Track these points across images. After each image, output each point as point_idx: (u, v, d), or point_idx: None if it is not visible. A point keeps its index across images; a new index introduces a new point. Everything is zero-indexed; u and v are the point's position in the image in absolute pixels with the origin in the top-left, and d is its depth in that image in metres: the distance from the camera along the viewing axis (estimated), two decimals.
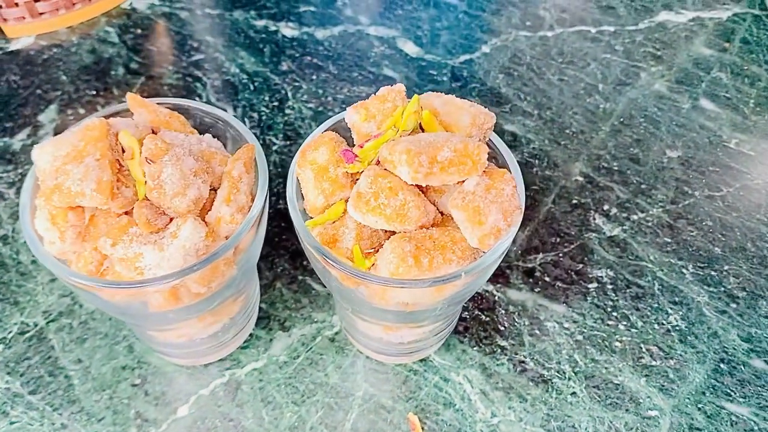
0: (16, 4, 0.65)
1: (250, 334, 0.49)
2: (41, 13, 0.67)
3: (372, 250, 0.37)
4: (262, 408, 0.46)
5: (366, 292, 0.38)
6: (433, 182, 0.34)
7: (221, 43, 0.69)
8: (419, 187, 0.36)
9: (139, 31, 0.69)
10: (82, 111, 0.62)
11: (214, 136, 0.42)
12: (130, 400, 0.46)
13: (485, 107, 0.38)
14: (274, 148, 0.60)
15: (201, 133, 0.42)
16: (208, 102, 0.63)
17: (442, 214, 0.38)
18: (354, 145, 0.38)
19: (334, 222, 0.37)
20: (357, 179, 0.37)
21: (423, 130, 0.37)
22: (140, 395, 0.46)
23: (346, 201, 0.37)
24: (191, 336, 0.45)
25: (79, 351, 0.48)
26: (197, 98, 0.64)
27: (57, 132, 0.60)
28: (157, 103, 0.41)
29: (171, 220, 0.36)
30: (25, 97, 0.63)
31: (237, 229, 0.36)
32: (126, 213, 0.36)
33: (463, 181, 0.35)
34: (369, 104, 0.37)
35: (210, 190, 0.38)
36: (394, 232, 0.37)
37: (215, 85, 0.65)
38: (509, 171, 0.37)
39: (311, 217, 0.38)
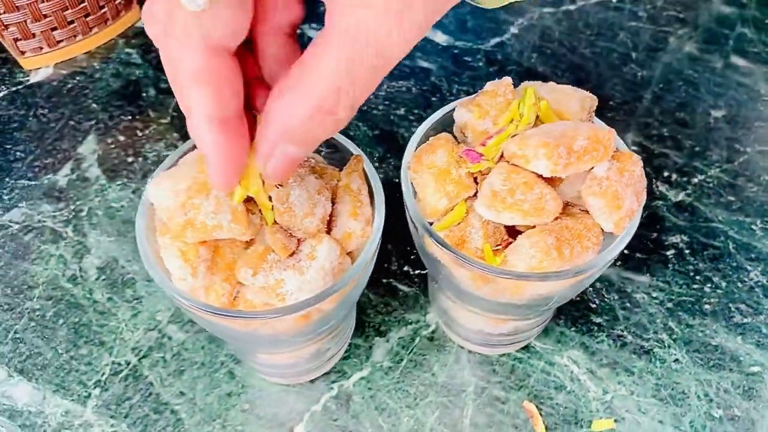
0: (34, 35, 0.63)
1: (350, 344, 0.49)
2: (59, 41, 0.64)
3: (498, 247, 0.37)
4: (377, 416, 0.46)
5: (490, 290, 0.38)
6: (570, 172, 0.34)
7: None
8: (543, 178, 0.36)
9: None
10: (122, 138, 0.60)
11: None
12: (243, 426, 0.45)
13: None
14: (329, 151, 0.59)
15: None
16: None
17: None
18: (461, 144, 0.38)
19: (458, 224, 0.37)
20: (476, 178, 0.37)
21: (540, 121, 0.36)
22: (252, 420, 0.46)
23: (467, 201, 0.37)
24: (301, 355, 0.44)
25: (179, 384, 0.47)
26: None
27: (101, 163, 0.59)
28: None
29: (299, 241, 0.35)
30: (59, 130, 0.61)
31: (368, 241, 0.36)
32: (247, 241, 0.35)
33: (592, 168, 0.35)
34: (480, 101, 0.37)
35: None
36: (513, 227, 0.37)
37: None
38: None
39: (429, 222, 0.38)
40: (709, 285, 0.51)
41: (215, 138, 0.27)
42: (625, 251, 0.53)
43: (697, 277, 0.52)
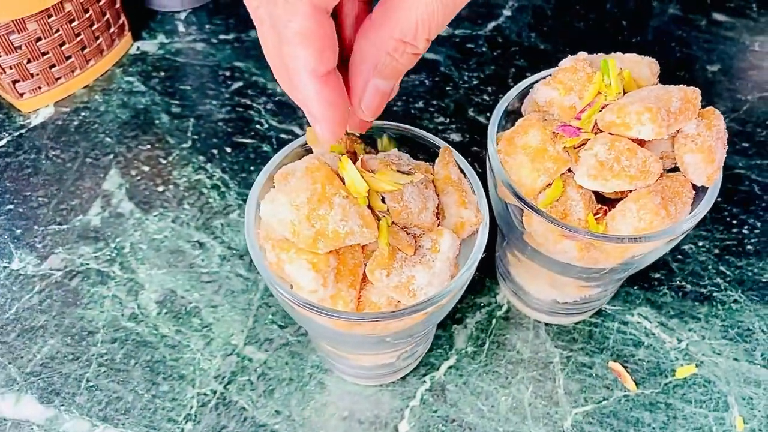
0: (32, 75, 0.60)
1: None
2: (57, 79, 0.62)
3: (598, 215, 0.38)
4: (475, 400, 0.47)
5: (588, 259, 0.39)
6: (670, 132, 0.35)
7: (253, 66, 0.66)
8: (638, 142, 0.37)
9: (162, 73, 0.66)
10: (146, 168, 0.59)
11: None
12: None
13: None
14: None
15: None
16: (270, 128, 0.61)
17: None
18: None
19: (558, 199, 0.38)
20: (569, 153, 0.38)
21: (624, 90, 0.38)
22: (355, 426, 0.46)
23: (562, 176, 0.38)
24: (398, 355, 0.45)
25: (272, 403, 0.47)
26: (258, 126, 0.62)
27: (131, 196, 0.57)
28: None
29: (415, 237, 0.36)
30: (77, 169, 0.59)
31: (480, 226, 0.37)
32: (362, 245, 0.36)
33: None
34: (562, 78, 0.38)
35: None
36: (600, 195, 0.39)
37: (270, 109, 0.63)
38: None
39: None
40: (746, 227, 0.55)
41: (320, 90, 0.30)
42: None
43: (734, 221, 0.55)
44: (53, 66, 0.61)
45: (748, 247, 0.54)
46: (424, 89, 0.64)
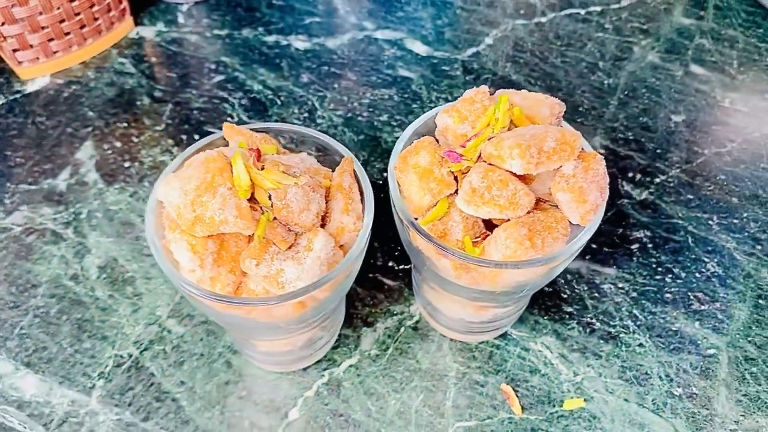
0: (31, 46, 0.65)
1: (339, 335, 0.52)
2: (55, 52, 0.67)
3: (477, 239, 0.41)
4: (366, 400, 0.49)
5: (469, 278, 0.42)
6: (540, 170, 0.38)
7: (238, 62, 0.71)
8: (517, 176, 0.40)
9: (153, 59, 0.71)
10: (118, 144, 0.63)
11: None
12: (240, 412, 0.48)
13: None
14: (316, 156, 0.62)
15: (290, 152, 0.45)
16: (240, 121, 0.65)
17: None
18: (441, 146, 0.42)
19: (441, 218, 0.41)
20: (456, 177, 0.41)
21: (514, 125, 0.40)
22: (250, 406, 0.49)
23: (448, 198, 0.41)
24: (295, 343, 0.48)
25: (179, 374, 0.50)
26: (229, 118, 0.66)
27: (99, 168, 0.62)
28: (249, 129, 0.43)
29: (296, 235, 0.39)
30: (57, 137, 0.64)
31: (359, 235, 0.40)
32: (249, 236, 0.39)
33: (560, 167, 0.39)
34: (459, 107, 0.41)
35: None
36: (489, 222, 0.41)
37: (243, 104, 0.67)
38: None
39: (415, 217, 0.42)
40: (670, 276, 0.56)
41: None
42: (593, 246, 0.57)
43: (659, 269, 0.56)
44: (52, 40, 0.66)
45: (667, 295, 0.55)
46: (392, 104, 0.67)
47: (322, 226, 0.40)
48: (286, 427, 0.48)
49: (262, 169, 0.39)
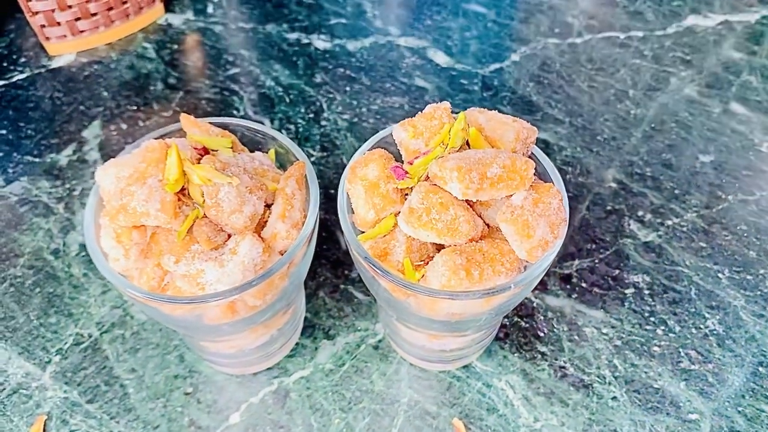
0: (59, 23, 0.67)
1: (297, 343, 0.51)
2: (82, 31, 0.69)
3: (421, 263, 0.38)
4: (310, 415, 0.47)
5: (414, 303, 0.39)
6: (482, 197, 0.35)
7: (256, 57, 0.70)
8: (467, 200, 0.37)
9: (175, 46, 0.71)
10: (124, 126, 0.64)
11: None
12: (183, 408, 0.48)
13: (517, 116, 0.39)
14: (312, 159, 0.61)
15: (251, 150, 0.44)
16: (245, 115, 0.65)
17: (488, 226, 0.39)
18: (401, 161, 0.39)
19: (384, 236, 0.38)
20: (407, 194, 0.38)
21: (470, 146, 0.38)
22: (193, 403, 0.48)
23: (396, 215, 0.38)
24: (241, 347, 0.46)
25: (132, 361, 0.50)
26: (235, 111, 0.65)
27: (101, 147, 0.62)
28: (209, 122, 0.42)
29: (229, 236, 0.38)
30: (69, 113, 0.65)
31: (292, 244, 0.38)
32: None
33: (511, 195, 0.36)
34: (416, 122, 0.39)
35: (264, 206, 0.39)
36: (442, 246, 0.39)
37: (252, 99, 0.66)
38: (552, 183, 0.38)
39: (361, 231, 0.40)
40: (662, 327, 0.51)
41: None
42: (583, 284, 0.53)
43: (652, 319, 0.52)
44: (78, 19, 0.68)
45: (655, 348, 0.50)
46: (401, 113, 0.65)
47: (260, 230, 0.39)
48: (224, 430, 0.47)
49: (198, 164, 0.37)
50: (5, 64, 0.70)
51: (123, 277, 0.37)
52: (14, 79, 0.68)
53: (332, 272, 0.54)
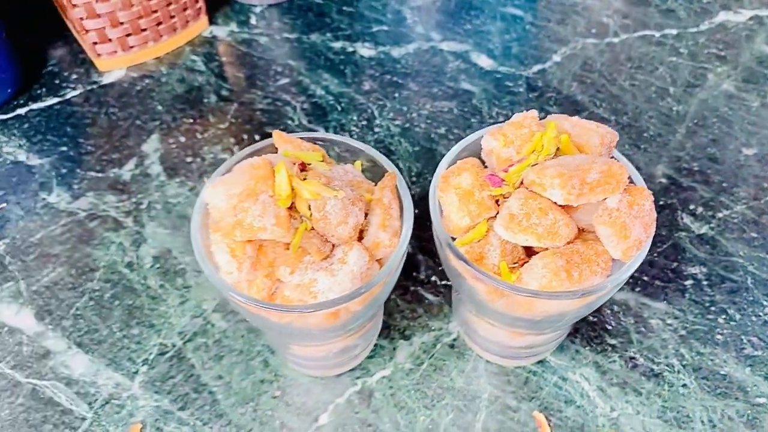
0: (110, 40, 0.69)
1: (375, 344, 0.53)
2: (131, 47, 0.70)
3: (515, 265, 0.40)
4: (396, 413, 0.49)
5: (505, 304, 0.41)
6: (582, 202, 0.37)
7: (303, 67, 0.72)
8: (559, 205, 0.39)
9: (224, 58, 0.73)
10: (182, 139, 0.66)
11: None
12: (273, 411, 0.49)
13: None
14: None
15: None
16: (300, 125, 0.67)
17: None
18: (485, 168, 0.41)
19: (479, 241, 0.40)
20: (498, 201, 0.40)
21: (560, 153, 0.40)
22: (282, 406, 0.50)
23: (489, 221, 0.40)
24: (330, 349, 0.48)
25: (218, 368, 0.52)
26: (289, 121, 0.67)
27: (162, 161, 0.64)
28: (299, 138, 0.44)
29: (333, 247, 0.40)
30: (126, 128, 0.67)
31: (394, 252, 0.40)
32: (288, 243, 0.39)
33: (605, 199, 0.38)
34: (506, 130, 0.41)
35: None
36: (530, 248, 0.41)
37: (305, 108, 0.68)
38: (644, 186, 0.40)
39: (452, 237, 0.42)
40: (723, 316, 0.54)
41: None
42: (644, 278, 0.55)
43: (712, 308, 0.54)
44: (129, 35, 0.69)
45: (718, 336, 0.52)
46: (451, 117, 0.67)
47: (360, 239, 0.40)
48: (315, 430, 0.48)
49: (305, 179, 0.39)
50: (57, 81, 0.71)
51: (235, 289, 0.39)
52: (68, 96, 0.70)
53: (402, 275, 0.56)
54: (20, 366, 0.52)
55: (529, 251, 0.41)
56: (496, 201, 0.40)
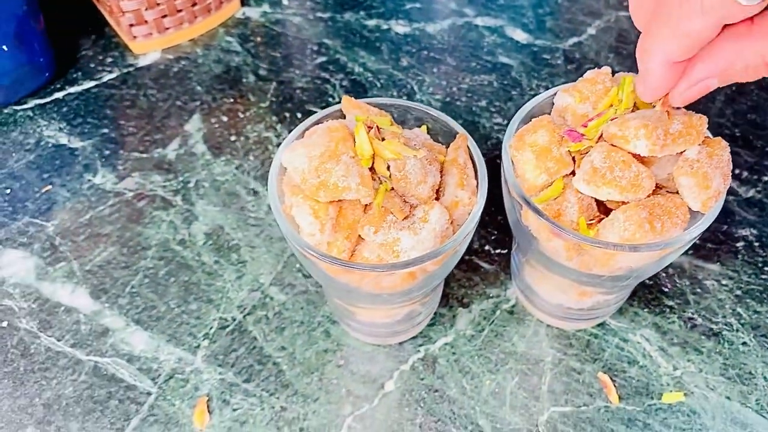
0: (146, 22, 0.68)
1: (435, 312, 0.53)
2: (167, 28, 0.70)
3: (593, 221, 0.41)
4: (461, 378, 0.50)
5: (581, 261, 0.42)
6: (665, 153, 0.37)
7: (339, 45, 0.72)
8: (638, 158, 0.39)
9: (258, 39, 0.73)
10: (225, 119, 0.66)
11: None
12: (338, 380, 0.50)
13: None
14: None
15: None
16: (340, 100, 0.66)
17: None
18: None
19: (555, 198, 0.41)
20: (574, 157, 0.40)
21: (636, 108, 0.40)
22: (347, 375, 0.50)
23: (564, 178, 0.40)
24: (394, 316, 0.48)
25: (280, 339, 0.52)
26: (330, 99, 0.67)
27: (206, 140, 0.64)
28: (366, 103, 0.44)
29: (411, 206, 0.40)
30: (167, 109, 0.67)
31: (473, 210, 0.40)
32: (365, 205, 0.40)
33: (683, 151, 0.38)
34: (580, 87, 0.41)
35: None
36: (603, 205, 0.41)
37: (344, 85, 0.68)
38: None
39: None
40: None
41: (665, 72, 0.34)
42: (697, 241, 0.56)
43: (766, 268, 0.55)
44: (165, 16, 0.69)
45: None
46: (491, 90, 0.67)
47: (437, 199, 0.41)
48: (382, 397, 0.49)
49: (383, 140, 0.39)
50: (92, 65, 0.71)
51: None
52: (105, 80, 0.70)
53: None
54: (80, 344, 0.51)
55: (602, 208, 0.41)
56: (572, 158, 0.40)
